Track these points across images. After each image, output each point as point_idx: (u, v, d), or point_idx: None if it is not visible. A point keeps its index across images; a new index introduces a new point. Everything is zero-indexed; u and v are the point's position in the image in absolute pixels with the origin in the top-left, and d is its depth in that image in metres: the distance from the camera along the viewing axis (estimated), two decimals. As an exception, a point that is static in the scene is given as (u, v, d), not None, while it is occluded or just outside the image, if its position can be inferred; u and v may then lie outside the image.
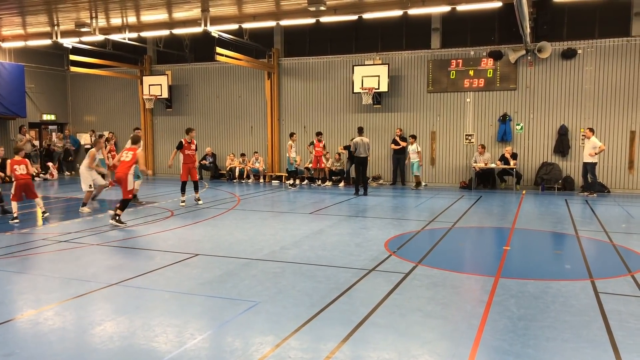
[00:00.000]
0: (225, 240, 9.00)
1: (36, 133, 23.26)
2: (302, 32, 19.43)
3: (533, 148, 17.11)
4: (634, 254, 7.94)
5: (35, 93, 22.41)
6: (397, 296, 5.89)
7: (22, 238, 9.24)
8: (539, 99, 16.88)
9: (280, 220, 11.17)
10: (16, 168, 10.64)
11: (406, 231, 9.77)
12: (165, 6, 15.35)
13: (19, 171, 10.67)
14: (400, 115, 18.46)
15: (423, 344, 4.60)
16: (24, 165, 10.77)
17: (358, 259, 7.63)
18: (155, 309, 5.56)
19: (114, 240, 8.94)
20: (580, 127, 16.42)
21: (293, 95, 19.93)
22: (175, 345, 4.57)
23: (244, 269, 7.11)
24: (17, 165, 10.67)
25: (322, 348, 4.48)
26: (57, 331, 4.94)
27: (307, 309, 5.47)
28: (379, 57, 18.47)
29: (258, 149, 20.31)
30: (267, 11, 15.91)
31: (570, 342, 4.63)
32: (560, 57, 16.50)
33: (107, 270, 7.14)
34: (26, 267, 7.36)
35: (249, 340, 4.66)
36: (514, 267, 7.35)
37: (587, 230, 9.99)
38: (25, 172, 10.79)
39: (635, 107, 15.93)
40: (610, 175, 16.33)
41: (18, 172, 10.65)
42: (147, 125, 22.03)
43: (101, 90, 23.27)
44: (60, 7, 15.15)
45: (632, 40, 15.83)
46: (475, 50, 17.41)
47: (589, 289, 6.14)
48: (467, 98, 17.66)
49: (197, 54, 21.19)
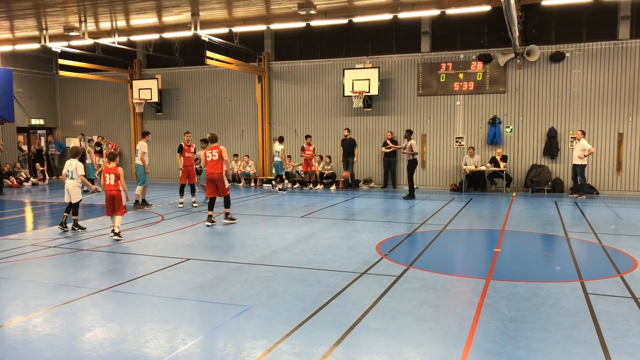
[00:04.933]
0: (216, 245, 8.96)
1: (25, 138, 23.07)
2: (293, 35, 19.46)
3: (523, 150, 17.23)
4: (622, 255, 8.00)
5: (24, 97, 22.23)
6: (389, 299, 5.90)
7: (10, 244, 9.15)
8: (528, 101, 17.02)
9: (272, 224, 11.15)
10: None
11: (397, 234, 9.79)
12: (155, 10, 15.30)
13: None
14: (391, 119, 18.52)
15: (415, 347, 4.61)
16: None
17: (350, 262, 7.63)
18: (146, 314, 5.52)
19: (104, 246, 8.88)
20: (569, 130, 16.58)
21: (284, 98, 19.94)
22: (167, 351, 4.54)
23: (235, 273, 7.08)
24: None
25: (314, 352, 4.47)
26: (46, 338, 4.89)
27: (298, 312, 5.46)
28: (369, 61, 18.53)
29: (249, 152, 20.28)
30: (257, 15, 15.91)
31: (561, 343, 4.65)
32: (549, 60, 16.65)
33: (97, 275, 7.09)
34: (15, 273, 7.27)
35: (240, 345, 4.64)
36: (504, 269, 7.39)
37: (577, 232, 10.06)
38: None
39: (622, 109, 16.10)
40: (599, 177, 16.48)
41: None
42: (137, 130, 21.91)
43: (91, 95, 23.13)
44: (48, 11, 15.04)
45: (619, 43, 16.01)
46: (464, 53, 17.52)
47: (578, 291, 6.18)
48: (457, 101, 17.76)
49: (187, 57, 21.14)
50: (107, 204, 9.56)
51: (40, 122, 23.10)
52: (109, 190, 9.50)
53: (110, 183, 9.47)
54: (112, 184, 9.47)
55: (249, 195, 16.46)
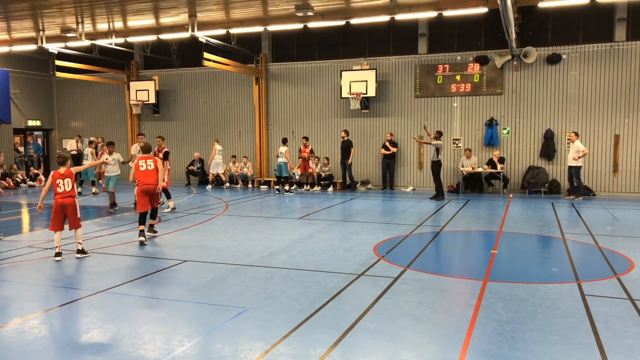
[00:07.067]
0: (214, 246, 8.95)
1: (21, 139, 23.01)
2: (290, 37, 19.47)
3: (519, 152, 17.27)
4: (619, 257, 8.03)
5: (20, 99, 22.18)
6: (387, 301, 5.90)
7: (7, 246, 9.11)
8: (525, 103, 17.06)
9: (269, 226, 11.15)
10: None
11: (395, 235, 9.79)
12: (152, 11, 15.28)
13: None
14: (388, 120, 18.54)
15: (413, 348, 4.61)
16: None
17: (347, 263, 7.63)
18: (143, 316, 5.51)
19: (101, 247, 8.85)
20: (566, 131, 16.62)
21: (281, 100, 19.94)
22: (164, 353, 4.53)
23: (233, 274, 7.07)
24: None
25: (311, 353, 4.47)
26: (42, 340, 4.88)
27: (296, 314, 5.45)
28: (366, 62, 18.55)
29: (246, 154, 20.27)
30: (255, 16, 15.91)
31: (558, 345, 4.66)
32: (546, 62, 16.70)
33: (93, 277, 7.07)
34: (11, 275, 7.25)
35: (238, 347, 4.63)
36: (501, 271, 7.40)
37: (574, 233, 10.09)
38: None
39: (619, 111, 16.16)
40: (595, 179, 16.53)
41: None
42: (134, 131, 21.87)
43: (87, 96, 23.09)
44: (45, 12, 15.01)
45: (615, 45, 16.07)
46: (461, 55, 17.56)
47: (575, 292, 6.19)
48: (454, 103, 17.79)
49: (185, 59, 21.12)
50: (57, 215, 7.97)
51: (36, 124, 23.05)
52: (62, 197, 7.95)
53: (65, 190, 7.99)
54: (68, 190, 8.02)
55: (247, 197, 16.45)
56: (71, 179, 8.07)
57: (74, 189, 8.14)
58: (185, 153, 21.20)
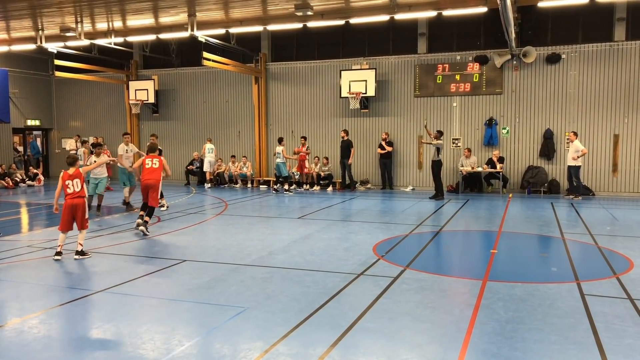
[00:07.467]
0: (213, 246, 8.94)
1: (20, 139, 22.99)
2: (290, 36, 19.46)
3: (519, 152, 17.27)
4: (618, 256, 8.03)
5: (20, 98, 22.16)
6: (386, 300, 5.90)
7: (6, 245, 9.11)
8: (524, 103, 17.06)
9: (269, 225, 11.14)
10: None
11: (394, 235, 9.79)
12: (151, 11, 15.27)
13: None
14: (388, 120, 18.54)
15: (412, 348, 4.61)
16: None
17: (346, 263, 7.63)
18: (143, 315, 5.51)
19: (100, 247, 8.85)
20: (565, 131, 16.62)
21: (281, 100, 19.93)
22: (163, 352, 4.52)
23: (232, 274, 7.07)
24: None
25: (311, 353, 4.47)
26: (42, 339, 4.87)
27: (295, 314, 5.45)
28: (366, 62, 18.55)
29: (246, 154, 20.26)
30: (254, 16, 15.90)
31: (557, 344, 4.66)
32: (545, 61, 16.70)
33: (93, 277, 7.06)
34: (10, 275, 7.24)
35: (237, 347, 4.63)
36: (501, 270, 7.40)
37: (573, 233, 10.09)
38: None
39: (618, 110, 16.16)
40: (595, 179, 16.53)
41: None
42: (134, 131, 21.86)
43: (87, 95, 23.07)
44: (45, 11, 15.00)
45: (614, 45, 16.07)
46: (461, 55, 17.56)
47: (575, 292, 6.19)
48: (453, 102, 17.79)
49: (184, 58, 21.11)
50: (67, 215, 8.00)
51: (36, 123, 23.03)
52: (72, 198, 7.97)
53: (74, 190, 8.00)
54: (78, 190, 8.03)
55: (246, 197, 16.45)
56: (80, 180, 8.09)
57: (84, 189, 8.14)
58: (184, 153, 21.19)
